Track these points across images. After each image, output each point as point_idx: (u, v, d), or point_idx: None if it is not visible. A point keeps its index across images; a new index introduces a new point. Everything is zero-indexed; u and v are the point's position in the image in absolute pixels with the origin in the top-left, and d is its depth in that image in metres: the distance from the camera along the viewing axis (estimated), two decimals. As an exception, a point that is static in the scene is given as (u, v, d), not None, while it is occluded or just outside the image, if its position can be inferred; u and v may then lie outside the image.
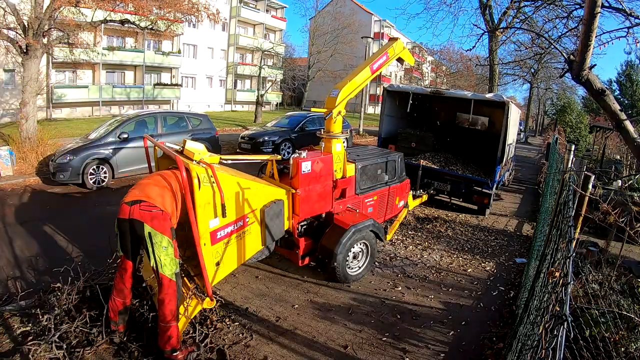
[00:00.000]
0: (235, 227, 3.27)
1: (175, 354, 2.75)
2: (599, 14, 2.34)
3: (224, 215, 2.98)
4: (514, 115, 8.63)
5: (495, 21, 13.50)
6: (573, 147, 3.31)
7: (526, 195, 10.31)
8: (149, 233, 2.60)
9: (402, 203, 5.82)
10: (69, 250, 4.68)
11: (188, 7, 10.75)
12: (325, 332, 3.39)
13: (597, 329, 2.77)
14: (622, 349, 2.73)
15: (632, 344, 2.76)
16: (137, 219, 2.62)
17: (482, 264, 5.21)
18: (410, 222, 6.72)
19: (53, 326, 2.85)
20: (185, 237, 3.66)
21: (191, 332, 3.18)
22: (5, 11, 8.71)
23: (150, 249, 2.63)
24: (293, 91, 37.10)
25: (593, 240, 5.94)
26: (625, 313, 2.92)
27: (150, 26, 11.48)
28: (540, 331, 1.63)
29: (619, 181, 8.24)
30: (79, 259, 4.34)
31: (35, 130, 9.04)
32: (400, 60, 5.41)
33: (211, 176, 2.94)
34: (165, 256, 2.65)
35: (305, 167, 3.89)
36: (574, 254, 1.92)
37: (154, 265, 2.66)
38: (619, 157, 14.24)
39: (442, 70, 42.70)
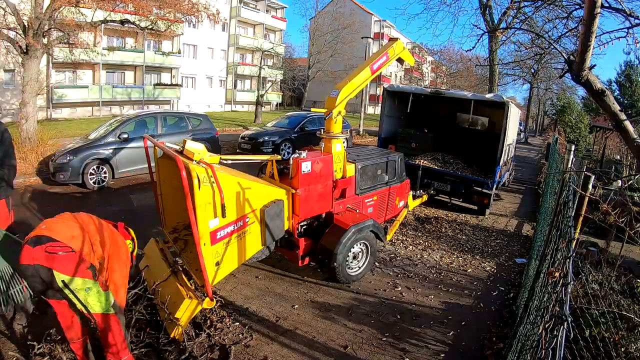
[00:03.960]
0: (235, 227, 3.27)
1: None
2: (599, 14, 2.34)
3: (223, 215, 2.98)
4: (514, 116, 8.64)
5: (495, 21, 13.50)
6: (573, 147, 3.31)
7: (526, 195, 10.31)
8: (63, 281, 2.13)
9: (402, 203, 5.82)
10: (69, 251, 4.67)
11: (188, 7, 10.76)
12: (326, 332, 3.39)
13: (597, 329, 2.77)
14: (622, 349, 2.73)
15: (632, 344, 2.76)
16: (45, 265, 2.10)
17: (482, 264, 5.21)
18: (410, 222, 6.72)
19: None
20: (185, 238, 3.66)
21: (191, 332, 3.19)
22: (6, 11, 8.72)
23: (71, 296, 2.20)
24: (293, 91, 37.11)
25: (593, 241, 5.94)
26: (625, 313, 2.92)
27: (150, 26, 11.49)
28: (540, 331, 1.63)
29: (619, 181, 8.23)
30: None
31: (36, 130, 9.04)
32: (400, 60, 5.41)
33: (211, 176, 2.94)
34: (91, 297, 2.25)
35: (305, 167, 3.89)
36: (574, 254, 1.92)
37: (82, 309, 2.27)
38: (619, 157, 14.24)
39: (442, 70, 42.73)
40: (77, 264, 2.15)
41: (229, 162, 3.55)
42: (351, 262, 4.27)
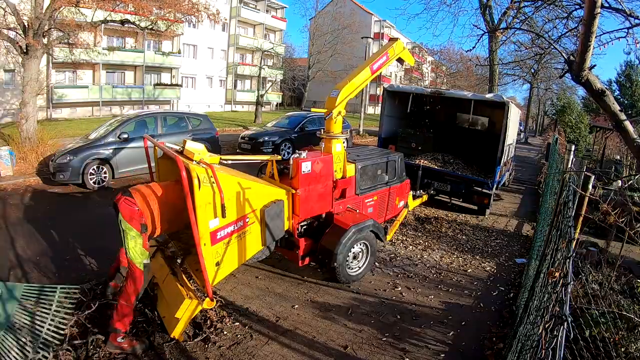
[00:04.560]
0: (236, 227, 3.27)
1: (119, 340, 2.88)
2: (599, 14, 2.34)
3: (223, 215, 2.98)
4: (514, 116, 8.64)
5: (495, 21, 13.49)
6: (573, 147, 3.31)
7: (526, 195, 10.31)
8: (120, 221, 2.93)
9: (402, 203, 5.82)
10: (69, 251, 4.68)
11: (188, 7, 10.76)
12: (326, 332, 3.39)
13: (597, 329, 2.77)
14: (622, 349, 2.73)
15: (632, 344, 2.76)
16: (118, 206, 2.96)
17: (482, 264, 5.21)
18: (410, 222, 6.72)
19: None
20: (186, 238, 3.66)
21: (191, 332, 3.19)
22: (6, 11, 8.71)
23: (122, 235, 2.94)
24: (293, 91, 37.12)
25: (593, 241, 5.94)
26: (625, 313, 2.92)
27: (150, 26, 11.48)
28: (540, 331, 1.63)
29: (619, 181, 8.23)
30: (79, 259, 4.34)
31: (36, 130, 9.04)
32: (400, 60, 5.41)
33: (211, 176, 2.94)
34: (132, 243, 2.90)
35: (305, 167, 3.89)
36: (574, 254, 1.92)
37: (126, 251, 2.95)
38: (619, 157, 14.24)
39: (442, 70, 42.74)
40: (134, 215, 2.90)
41: (229, 162, 3.55)
42: (351, 262, 4.27)
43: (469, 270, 4.95)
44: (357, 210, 4.64)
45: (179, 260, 3.59)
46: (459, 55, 36.25)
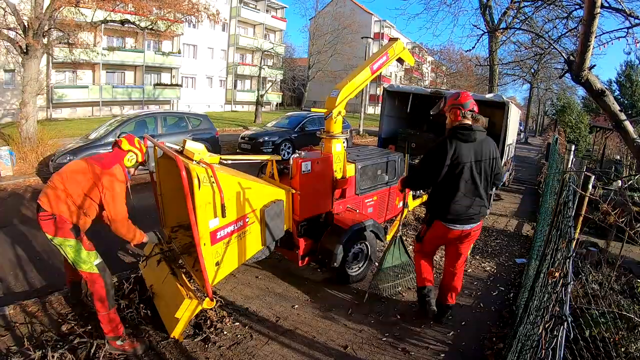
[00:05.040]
0: (236, 227, 3.27)
1: (119, 343, 2.84)
2: (599, 14, 2.34)
3: (223, 215, 2.98)
4: (514, 116, 8.64)
5: (495, 21, 13.51)
6: (573, 147, 3.32)
7: (526, 195, 10.31)
8: (50, 239, 2.78)
9: (402, 203, 5.82)
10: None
11: (188, 8, 10.77)
12: (326, 332, 3.39)
13: (597, 329, 2.77)
14: (622, 349, 2.73)
15: (632, 344, 2.76)
16: (41, 226, 2.80)
17: (482, 264, 5.20)
18: (410, 222, 6.71)
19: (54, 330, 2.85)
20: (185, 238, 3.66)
21: (191, 332, 3.19)
22: (5, 11, 8.72)
23: (62, 252, 2.82)
24: (293, 91, 37.16)
25: (593, 241, 5.94)
26: (625, 313, 2.92)
27: (150, 26, 11.50)
28: (540, 331, 1.63)
29: (619, 181, 8.23)
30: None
31: (36, 130, 9.05)
32: (400, 60, 5.40)
33: (211, 176, 2.94)
34: (75, 254, 2.78)
35: (305, 167, 3.89)
36: (574, 254, 1.92)
37: (72, 264, 2.83)
38: (619, 157, 14.24)
39: (442, 70, 42.78)
40: (57, 226, 2.73)
41: (229, 162, 3.55)
42: (351, 262, 4.27)
43: (469, 270, 4.95)
44: (357, 210, 4.64)
45: (179, 261, 3.60)
46: (459, 55, 36.34)
